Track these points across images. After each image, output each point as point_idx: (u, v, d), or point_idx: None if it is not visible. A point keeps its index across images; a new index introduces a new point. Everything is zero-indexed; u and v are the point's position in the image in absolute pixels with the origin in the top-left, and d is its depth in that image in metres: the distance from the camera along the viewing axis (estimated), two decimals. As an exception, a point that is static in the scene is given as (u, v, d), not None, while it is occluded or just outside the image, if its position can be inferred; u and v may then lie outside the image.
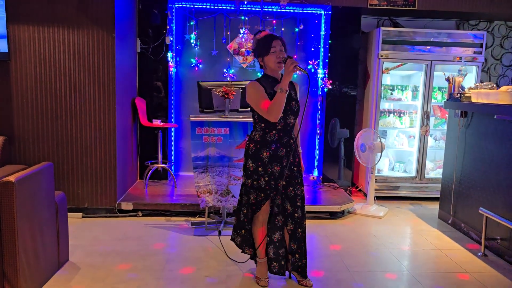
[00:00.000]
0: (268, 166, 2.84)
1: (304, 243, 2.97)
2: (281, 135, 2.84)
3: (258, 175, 2.86)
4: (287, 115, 2.82)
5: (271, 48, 2.75)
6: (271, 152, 2.83)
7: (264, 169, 2.85)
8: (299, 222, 2.93)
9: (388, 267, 3.46)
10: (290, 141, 2.88)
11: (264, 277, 3.04)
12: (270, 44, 2.75)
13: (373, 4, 5.23)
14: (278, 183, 2.86)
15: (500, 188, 3.73)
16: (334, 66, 5.47)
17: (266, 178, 2.85)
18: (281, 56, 2.74)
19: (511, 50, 6.07)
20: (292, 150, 2.87)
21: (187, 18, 5.46)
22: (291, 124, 2.86)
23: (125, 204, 4.45)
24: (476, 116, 4.15)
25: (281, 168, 2.85)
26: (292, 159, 2.89)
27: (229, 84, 4.08)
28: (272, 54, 2.76)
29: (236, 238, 3.07)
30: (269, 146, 2.84)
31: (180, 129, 5.76)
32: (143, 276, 3.14)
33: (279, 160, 2.84)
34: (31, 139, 4.27)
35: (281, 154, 2.85)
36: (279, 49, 2.75)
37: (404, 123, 5.60)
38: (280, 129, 2.83)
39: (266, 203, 2.90)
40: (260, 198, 2.89)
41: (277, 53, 2.75)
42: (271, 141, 2.83)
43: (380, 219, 4.68)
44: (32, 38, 4.16)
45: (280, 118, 2.76)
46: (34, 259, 2.77)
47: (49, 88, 4.24)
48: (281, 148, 2.85)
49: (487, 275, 3.36)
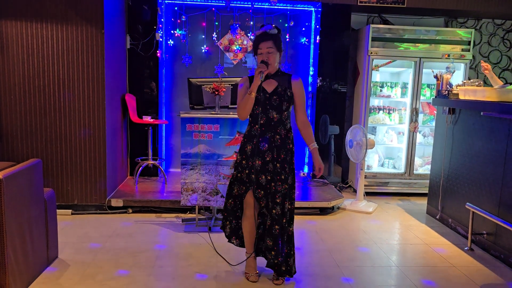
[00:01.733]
0: (250, 159, 2.89)
1: (283, 241, 2.90)
2: (263, 130, 2.87)
3: (242, 167, 2.94)
4: (266, 109, 2.86)
5: (258, 49, 2.85)
6: (253, 146, 2.88)
7: (247, 162, 2.91)
8: (277, 219, 2.88)
9: (376, 262, 3.50)
10: (275, 137, 2.88)
11: (253, 272, 3.06)
12: (257, 46, 2.85)
13: (363, 2, 5.26)
14: (259, 177, 2.90)
15: (486, 184, 3.79)
16: (324, 63, 5.50)
17: (246, 171, 2.91)
18: (265, 59, 2.81)
19: (499, 48, 6.14)
20: (277, 146, 2.88)
21: (177, 14, 5.44)
22: (275, 119, 2.87)
23: (115, 201, 4.44)
24: (464, 113, 4.20)
25: (262, 163, 2.88)
26: (276, 155, 2.89)
27: (220, 80, 4.08)
28: (259, 56, 2.86)
29: (226, 229, 3.11)
30: (252, 140, 2.90)
31: (170, 126, 5.75)
32: (133, 272, 3.14)
33: (261, 154, 2.88)
34: (19, 136, 4.24)
35: (263, 149, 2.88)
36: (266, 51, 2.81)
37: (394, 120, 5.65)
38: (263, 123, 2.87)
39: (250, 197, 2.94)
40: (241, 191, 2.97)
41: (263, 55, 2.83)
42: (254, 135, 2.90)
43: (369, 215, 4.73)
44: (20, 34, 4.12)
45: (261, 112, 2.84)
46: (22, 256, 2.76)
47: (38, 84, 4.20)
48: (263, 142, 2.88)
49: (474, 269, 3.42)
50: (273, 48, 2.82)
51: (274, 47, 2.83)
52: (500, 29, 6.09)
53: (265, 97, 2.86)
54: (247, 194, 2.95)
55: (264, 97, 2.86)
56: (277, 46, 2.84)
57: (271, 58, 2.82)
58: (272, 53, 2.83)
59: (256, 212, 3.00)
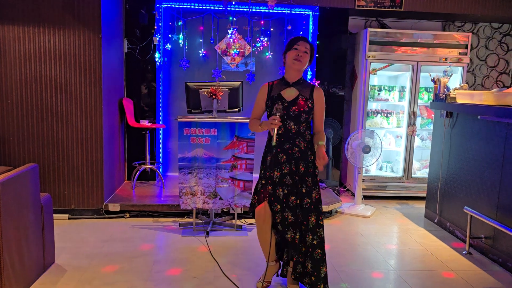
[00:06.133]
0: (268, 170, 2.83)
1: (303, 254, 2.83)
2: (282, 141, 2.79)
3: (260, 177, 2.90)
4: (285, 121, 2.77)
5: (295, 45, 2.78)
6: (272, 157, 2.82)
7: (264, 173, 2.86)
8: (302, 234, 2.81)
9: (375, 266, 3.49)
10: (294, 149, 2.79)
11: (263, 280, 2.96)
12: (295, 43, 2.79)
13: (361, 5, 5.27)
14: (277, 189, 2.81)
15: (484, 188, 3.78)
16: (322, 67, 5.50)
17: (263, 181, 2.85)
18: (299, 55, 2.74)
19: (496, 51, 6.16)
20: (295, 158, 2.79)
21: (175, 18, 5.44)
22: (293, 131, 2.78)
23: (112, 205, 4.42)
24: (461, 117, 4.20)
25: (280, 175, 2.81)
26: (295, 167, 2.80)
27: (217, 84, 4.07)
28: (293, 50, 2.77)
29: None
30: (272, 151, 2.83)
31: (168, 130, 5.74)
32: (130, 278, 3.12)
33: (278, 165, 2.81)
34: (16, 140, 4.22)
35: (281, 160, 2.80)
36: (303, 50, 2.77)
37: (391, 123, 5.66)
38: (281, 134, 2.78)
39: (262, 209, 2.82)
40: (254, 201, 2.91)
41: (298, 51, 2.76)
42: (273, 145, 2.80)
43: (367, 219, 4.72)
44: (17, 38, 4.11)
45: None
46: (19, 261, 2.74)
47: (35, 88, 4.20)
48: (281, 153, 2.81)
49: (472, 273, 3.41)
50: (309, 51, 2.80)
51: (309, 52, 2.81)
52: (497, 32, 6.11)
53: (284, 107, 2.76)
54: (260, 206, 2.84)
55: (283, 106, 2.76)
56: (311, 52, 2.83)
57: (305, 58, 2.77)
58: (307, 54, 2.78)
59: (269, 225, 2.86)
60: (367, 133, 4.82)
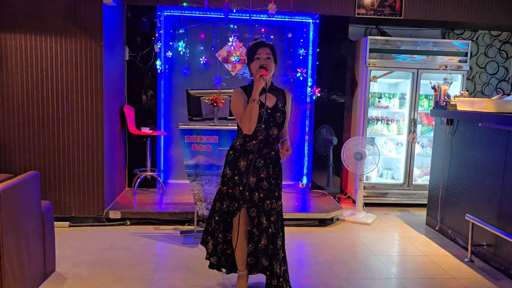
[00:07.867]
0: (244, 175, 2.76)
1: (276, 260, 2.77)
2: (261, 146, 2.75)
3: (234, 183, 2.80)
4: (269, 127, 2.75)
5: (255, 55, 2.72)
6: (248, 162, 2.77)
7: (239, 179, 2.78)
8: (271, 238, 2.76)
9: (376, 274, 3.48)
10: (271, 153, 2.80)
11: None
12: (255, 51, 2.72)
13: (361, 13, 5.30)
14: (253, 194, 2.78)
15: (485, 195, 3.78)
16: (322, 74, 5.52)
17: (240, 187, 2.78)
18: (263, 64, 2.68)
19: (495, 59, 6.18)
20: (272, 162, 2.80)
21: (176, 26, 5.47)
22: (273, 136, 2.78)
23: (113, 213, 4.41)
24: (462, 124, 4.21)
25: (257, 180, 2.77)
26: (272, 171, 2.79)
27: (218, 92, 4.09)
28: (256, 61, 2.71)
29: (208, 245, 2.95)
30: (247, 156, 2.77)
31: (169, 137, 5.74)
32: (130, 286, 3.11)
33: (256, 171, 2.77)
34: (17, 147, 4.22)
35: (259, 165, 2.78)
36: (265, 57, 2.70)
37: (392, 131, 5.66)
38: (261, 139, 2.74)
39: (244, 215, 2.81)
40: (233, 208, 2.84)
41: (261, 60, 2.70)
42: (250, 150, 2.76)
43: (368, 226, 4.71)
44: (19, 46, 4.13)
45: (262, 129, 2.71)
46: (19, 270, 2.73)
47: (36, 96, 4.21)
48: (259, 159, 2.77)
49: (474, 280, 3.39)
50: (271, 56, 2.72)
51: (272, 55, 2.73)
52: (496, 40, 6.14)
53: (268, 113, 2.73)
54: (242, 212, 2.80)
55: (266, 112, 2.72)
56: (274, 55, 2.75)
57: (269, 64, 2.68)
58: (271, 60, 2.71)
59: (245, 229, 2.88)
60: (360, 140, 4.83)
